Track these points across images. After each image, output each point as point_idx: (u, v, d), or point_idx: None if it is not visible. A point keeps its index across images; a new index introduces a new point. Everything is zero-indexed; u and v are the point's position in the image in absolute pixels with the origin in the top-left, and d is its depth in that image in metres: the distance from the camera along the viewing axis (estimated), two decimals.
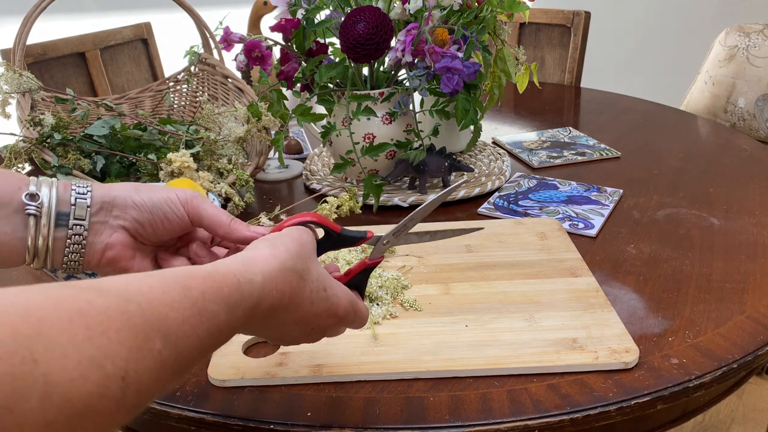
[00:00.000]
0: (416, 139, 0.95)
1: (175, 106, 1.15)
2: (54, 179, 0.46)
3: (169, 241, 0.52)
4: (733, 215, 0.89)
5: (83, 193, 0.46)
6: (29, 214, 0.44)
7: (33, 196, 0.44)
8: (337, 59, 0.95)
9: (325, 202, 0.79)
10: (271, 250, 0.44)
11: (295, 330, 0.47)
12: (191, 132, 0.95)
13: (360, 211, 0.77)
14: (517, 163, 1.14)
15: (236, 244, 0.51)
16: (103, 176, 0.92)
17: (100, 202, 0.46)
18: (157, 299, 0.34)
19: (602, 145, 1.18)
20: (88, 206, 0.45)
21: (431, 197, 0.55)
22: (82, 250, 0.46)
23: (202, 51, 1.13)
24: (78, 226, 0.45)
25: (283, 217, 0.58)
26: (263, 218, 0.61)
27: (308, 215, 0.49)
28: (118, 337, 0.30)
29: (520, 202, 0.95)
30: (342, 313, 0.48)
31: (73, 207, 0.45)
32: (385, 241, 0.53)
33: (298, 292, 0.44)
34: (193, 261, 0.51)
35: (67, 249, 0.45)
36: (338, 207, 0.77)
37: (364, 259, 0.52)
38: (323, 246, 0.51)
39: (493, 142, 1.23)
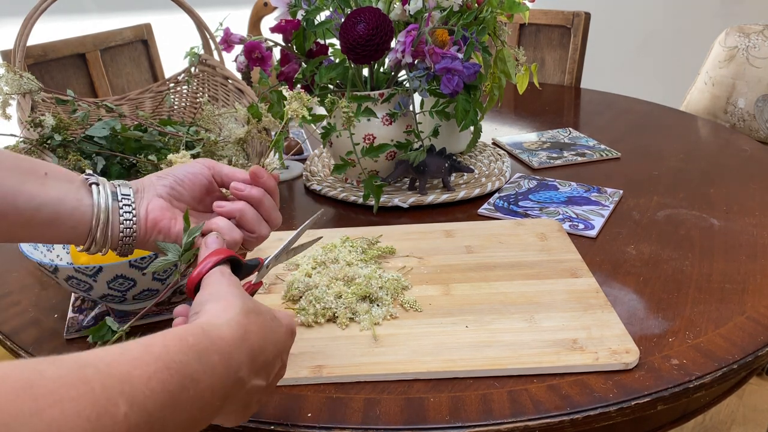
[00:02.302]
0: (416, 139, 0.95)
1: (176, 107, 1.15)
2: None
3: (204, 202, 0.57)
4: (734, 216, 0.89)
5: (124, 181, 0.54)
6: (91, 183, 0.52)
7: (90, 174, 0.53)
8: (337, 60, 0.96)
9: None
10: (220, 302, 0.44)
11: (276, 363, 0.46)
12: (191, 133, 0.95)
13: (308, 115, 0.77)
14: (517, 163, 1.14)
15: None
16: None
17: (135, 185, 0.55)
18: (116, 360, 0.32)
19: (602, 146, 1.18)
20: (129, 187, 0.54)
21: (300, 240, 0.60)
22: (134, 217, 0.53)
23: (202, 52, 1.13)
24: (126, 198, 0.53)
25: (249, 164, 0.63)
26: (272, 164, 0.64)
27: (219, 253, 0.49)
28: (73, 407, 0.27)
29: (520, 203, 0.95)
30: (293, 326, 0.49)
31: (118, 186, 0.53)
32: (267, 265, 0.56)
33: (263, 327, 0.44)
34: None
35: (121, 218, 0.52)
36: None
37: (250, 284, 0.53)
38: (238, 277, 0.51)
39: (493, 143, 1.23)
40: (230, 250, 0.50)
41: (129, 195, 0.53)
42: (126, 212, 0.52)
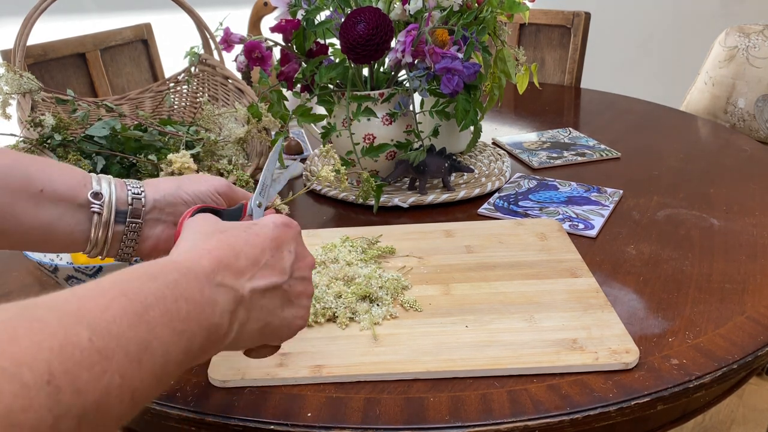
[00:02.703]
0: (416, 139, 0.95)
1: (176, 106, 1.15)
2: (110, 177, 0.51)
3: None
4: (733, 216, 0.89)
5: (138, 194, 0.51)
6: (94, 212, 0.49)
7: (97, 195, 0.49)
8: (337, 60, 0.96)
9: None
10: (175, 245, 0.43)
11: (277, 255, 0.45)
12: (191, 133, 0.95)
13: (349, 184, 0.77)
14: (517, 163, 1.14)
15: None
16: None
17: (152, 200, 0.51)
18: (66, 299, 0.31)
19: (602, 146, 1.18)
20: (143, 206, 0.51)
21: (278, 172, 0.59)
22: (135, 244, 0.51)
23: (202, 52, 1.13)
24: (134, 224, 0.50)
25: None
26: (277, 201, 0.64)
27: (195, 207, 0.50)
28: (32, 340, 0.26)
29: (520, 203, 0.95)
30: (281, 219, 0.47)
31: (130, 206, 0.50)
32: (258, 203, 0.55)
33: (228, 239, 0.42)
34: None
35: (122, 243, 0.51)
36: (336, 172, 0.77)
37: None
38: None
39: (493, 143, 1.23)
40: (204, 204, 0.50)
41: (139, 221, 0.50)
42: (129, 239, 0.51)
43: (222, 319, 0.39)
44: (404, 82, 0.97)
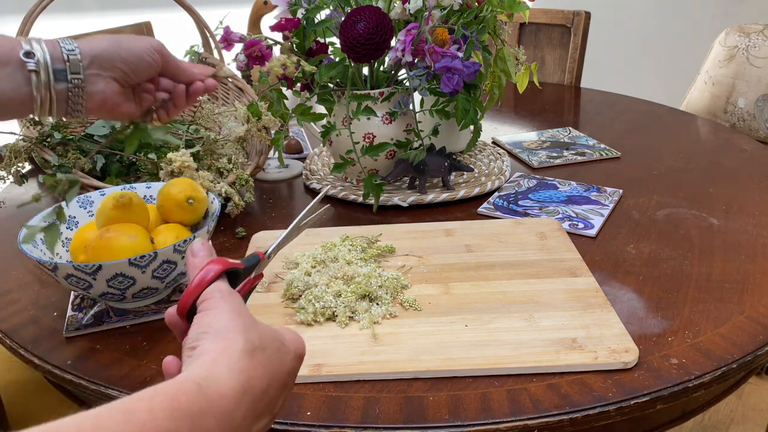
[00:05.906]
0: (416, 138, 0.95)
1: None
2: (40, 38, 0.51)
3: (143, 82, 0.59)
4: (733, 215, 0.89)
5: (72, 50, 0.51)
6: (30, 71, 0.49)
7: (29, 54, 0.49)
8: (337, 59, 0.96)
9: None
10: (219, 342, 0.39)
11: (282, 394, 0.42)
12: (191, 131, 0.95)
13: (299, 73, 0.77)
14: (516, 163, 1.14)
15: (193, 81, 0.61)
16: (103, 175, 0.92)
17: (89, 56, 0.52)
18: None
19: (602, 145, 1.18)
20: (80, 61, 0.51)
21: (298, 218, 0.56)
22: (82, 100, 0.52)
23: (202, 50, 1.13)
24: (76, 80, 0.51)
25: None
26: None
27: (212, 268, 0.43)
28: None
29: (519, 202, 0.95)
30: (301, 349, 0.44)
31: (67, 63, 0.50)
32: (269, 256, 0.52)
33: (267, 366, 0.40)
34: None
35: (70, 100, 0.51)
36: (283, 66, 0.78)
37: (250, 278, 0.48)
38: (235, 285, 0.46)
39: (493, 142, 1.23)
40: (222, 258, 0.44)
41: (80, 76, 0.51)
42: (75, 95, 0.51)
43: None
44: (404, 81, 0.97)
